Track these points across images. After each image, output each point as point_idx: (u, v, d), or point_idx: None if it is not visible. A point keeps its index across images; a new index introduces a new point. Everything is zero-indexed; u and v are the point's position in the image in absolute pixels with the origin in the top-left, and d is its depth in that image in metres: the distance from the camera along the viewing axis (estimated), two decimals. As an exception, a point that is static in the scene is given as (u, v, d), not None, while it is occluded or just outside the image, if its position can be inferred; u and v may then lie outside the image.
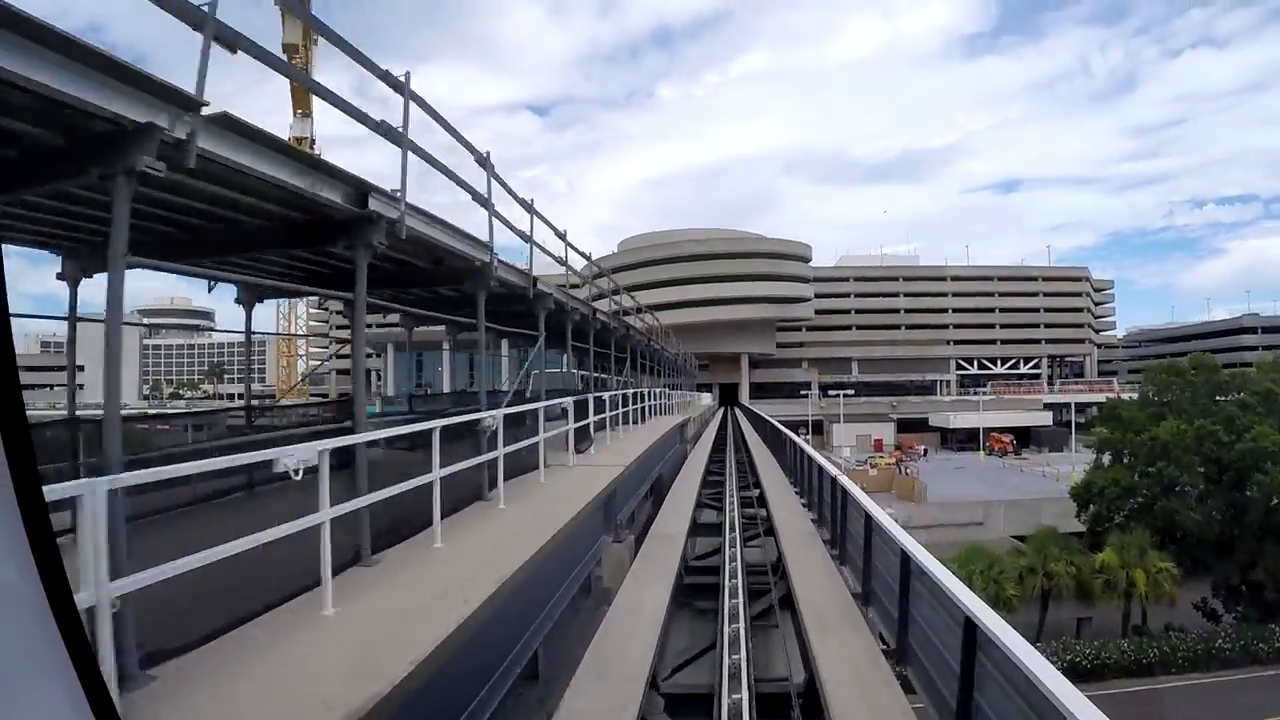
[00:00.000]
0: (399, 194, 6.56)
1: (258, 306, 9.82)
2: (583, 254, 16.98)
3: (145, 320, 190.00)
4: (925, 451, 76.56)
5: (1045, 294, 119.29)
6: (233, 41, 4.41)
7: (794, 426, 77.26)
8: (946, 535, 37.74)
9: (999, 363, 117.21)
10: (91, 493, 2.96)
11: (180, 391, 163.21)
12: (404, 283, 9.62)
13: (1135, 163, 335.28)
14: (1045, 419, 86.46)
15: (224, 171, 4.72)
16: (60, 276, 7.71)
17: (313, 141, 76.95)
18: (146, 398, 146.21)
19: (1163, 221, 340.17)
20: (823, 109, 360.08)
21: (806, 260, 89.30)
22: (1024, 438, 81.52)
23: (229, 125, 4.53)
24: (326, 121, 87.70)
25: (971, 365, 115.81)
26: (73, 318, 8.01)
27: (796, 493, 14.91)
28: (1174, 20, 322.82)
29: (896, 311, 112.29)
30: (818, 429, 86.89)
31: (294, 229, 6.53)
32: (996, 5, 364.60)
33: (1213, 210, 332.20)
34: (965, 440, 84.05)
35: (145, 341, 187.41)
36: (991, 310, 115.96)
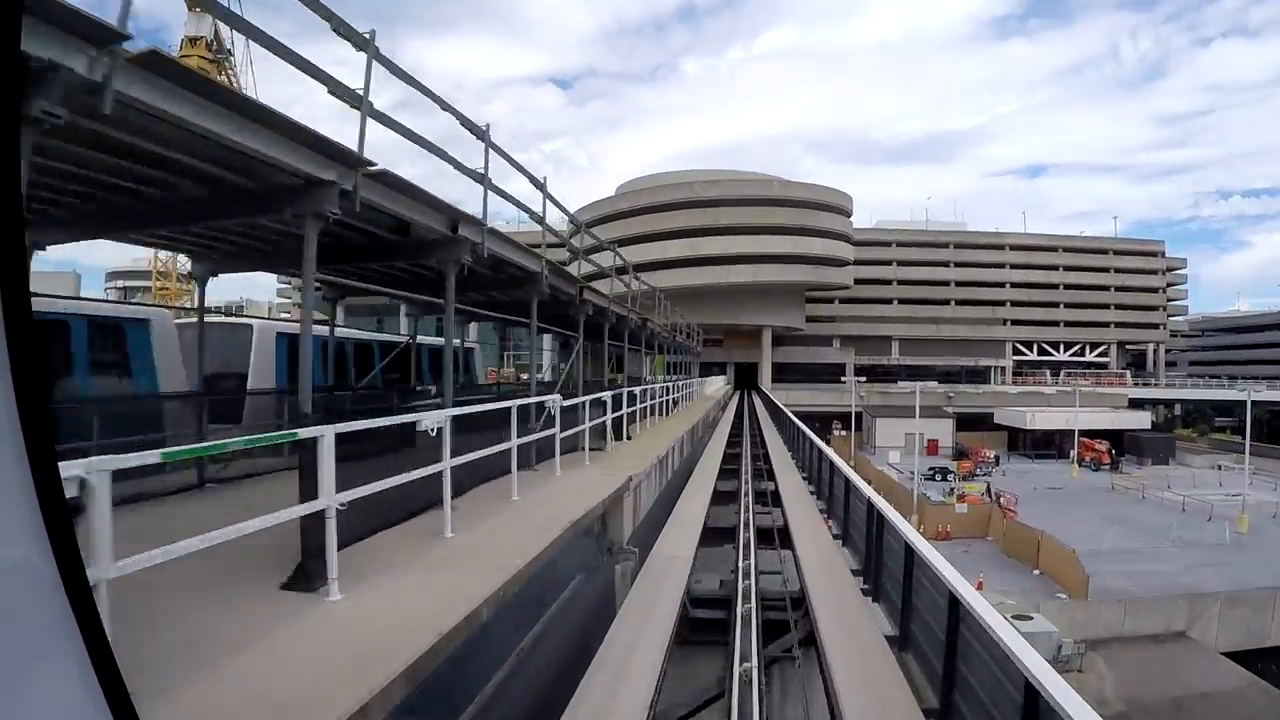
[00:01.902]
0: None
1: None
2: (539, 185, 10.15)
3: (119, 283, 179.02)
4: (996, 459, 59.63)
5: (1116, 270, 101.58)
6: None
7: (827, 420, 60.87)
8: (1148, 671, 20.98)
9: (1062, 348, 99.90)
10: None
11: None
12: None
13: (1162, 152, 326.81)
14: (1143, 420, 69.23)
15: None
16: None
17: (210, 43, 60.56)
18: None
19: (1188, 212, 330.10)
20: (847, 89, 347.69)
21: (847, 214, 71.66)
22: (1116, 444, 64.43)
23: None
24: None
25: (1031, 350, 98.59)
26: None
27: None
28: (1206, 8, 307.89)
29: (946, 284, 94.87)
30: (855, 422, 70.09)
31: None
32: None
33: (1239, 202, 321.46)
34: (1042, 445, 67.11)
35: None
36: (1055, 287, 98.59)
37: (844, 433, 68.93)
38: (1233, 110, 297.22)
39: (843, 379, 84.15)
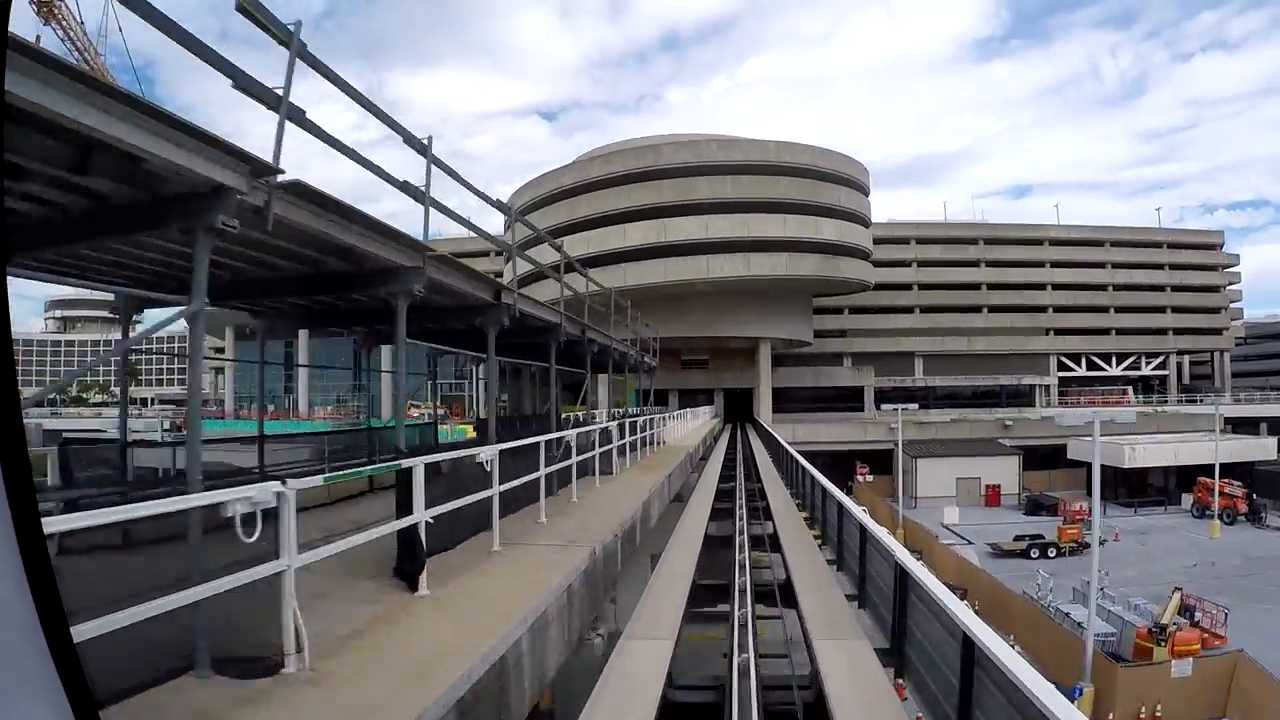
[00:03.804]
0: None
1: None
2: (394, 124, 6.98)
3: (58, 313, 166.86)
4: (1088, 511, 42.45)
5: (1171, 266, 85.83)
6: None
7: (846, 460, 42.45)
8: None
9: (1114, 361, 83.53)
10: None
11: (84, 395, 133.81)
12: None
13: (1146, 168, 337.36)
14: (1267, 449, 52.34)
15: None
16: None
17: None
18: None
19: (1174, 227, 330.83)
20: (833, 114, 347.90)
21: (864, 191, 55.23)
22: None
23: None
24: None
25: (1079, 365, 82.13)
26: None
27: None
28: (1184, 23, 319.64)
29: (976, 288, 78.94)
30: (882, 463, 53.09)
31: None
32: (1006, 9, 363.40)
33: (1224, 215, 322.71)
34: (1136, 488, 50.13)
35: (57, 337, 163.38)
36: (1103, 288, 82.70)
37: (869, 477, 51.95)
38: (1214, 124, 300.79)
39: (860, 406, 67.43)
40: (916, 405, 69.79)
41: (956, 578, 26.66)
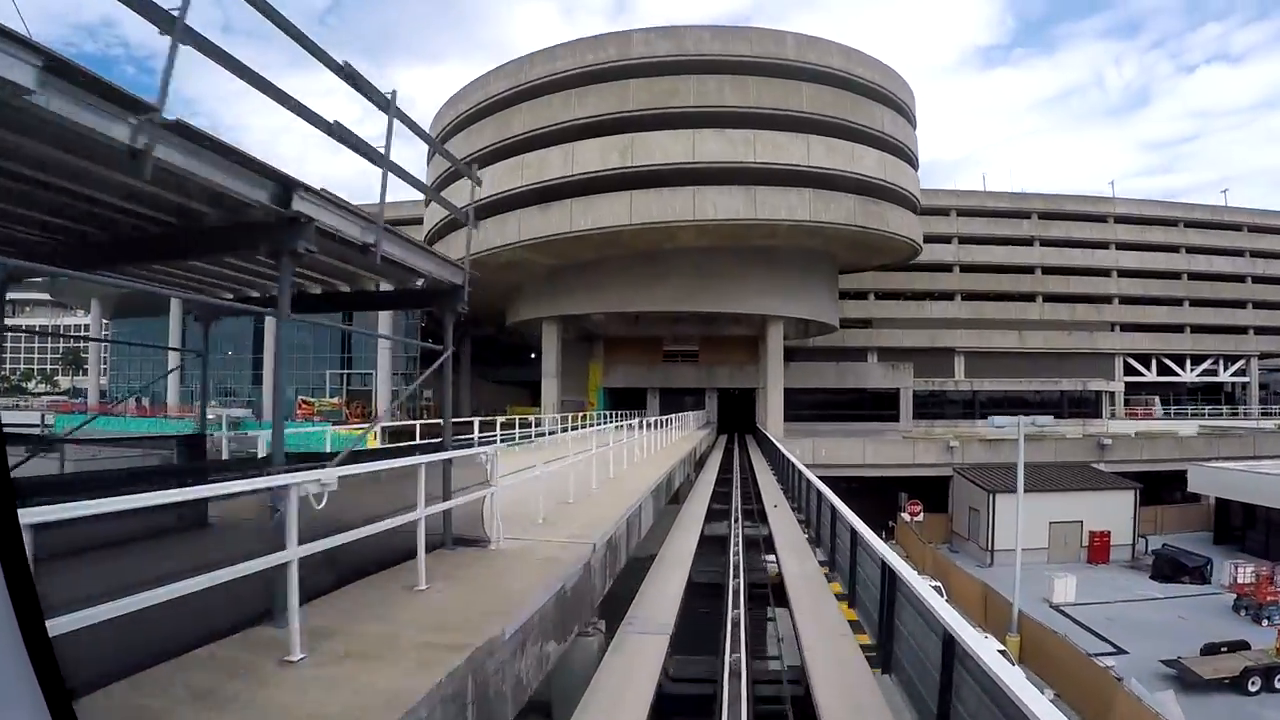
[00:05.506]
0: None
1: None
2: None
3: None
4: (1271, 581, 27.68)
5: (1252, 253, 71.63)
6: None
7: (888, 490, 30.93)
8: None
9: (1188, 364, 69.12)
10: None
11: (24, 384, 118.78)
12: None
13: (1149, 178, 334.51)
14: None
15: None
16: None
17: None
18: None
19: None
20: None
21: (911, 120, 40.27)
22: None
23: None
24: None
25: (1149, 368, 67.61)
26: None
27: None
28: (1189, 35, 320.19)
29: (1030, 271, 64.29)
30: (932, 496, 38.31)
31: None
32: (1011, 18, 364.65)
33: None
34: (1272, 532, 35.41)
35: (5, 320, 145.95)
36: (1177, 276, 68.28)
37: (919, 515, 37.18)
38: (1218, 135, 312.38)
39: (893, 415, 52.65)
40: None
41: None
